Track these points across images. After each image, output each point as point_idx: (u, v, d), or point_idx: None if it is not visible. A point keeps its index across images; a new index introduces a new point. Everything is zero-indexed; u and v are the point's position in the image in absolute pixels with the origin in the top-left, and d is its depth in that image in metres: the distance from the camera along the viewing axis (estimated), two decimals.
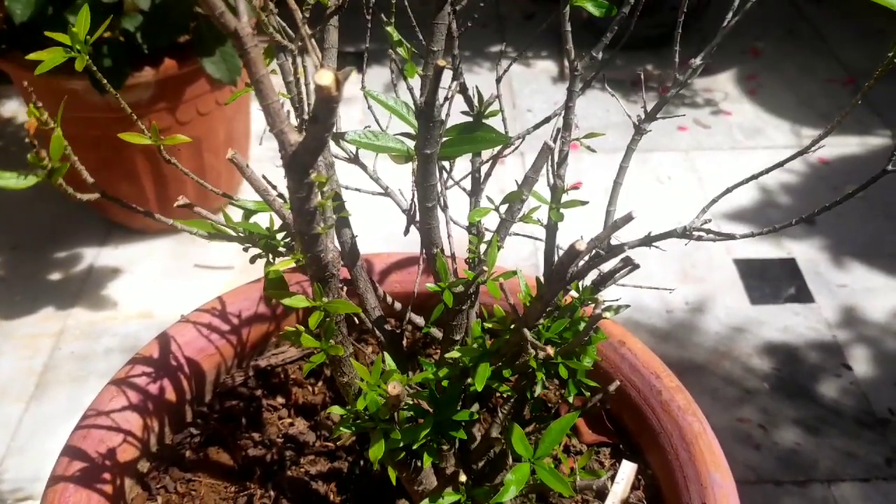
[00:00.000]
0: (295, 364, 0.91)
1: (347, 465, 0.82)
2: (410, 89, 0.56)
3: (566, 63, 0.65)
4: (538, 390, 0.61)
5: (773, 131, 2.13)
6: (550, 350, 0.49)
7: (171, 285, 1.71)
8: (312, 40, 0.45)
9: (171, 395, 0.81)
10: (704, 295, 1.67)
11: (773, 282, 1.70)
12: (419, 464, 0.64)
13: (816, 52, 2.47)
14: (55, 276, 1.75)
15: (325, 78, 0.34)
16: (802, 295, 1.67)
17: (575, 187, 0.64)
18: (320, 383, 0.89)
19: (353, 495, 0.80)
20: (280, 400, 0.88)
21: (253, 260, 0.55)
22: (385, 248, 0.94)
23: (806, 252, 1.76)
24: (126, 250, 1.79)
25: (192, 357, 0.83)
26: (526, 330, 0.49)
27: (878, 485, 1.33)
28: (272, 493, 0.79)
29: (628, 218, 0.43)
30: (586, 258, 0.51)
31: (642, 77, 0.77)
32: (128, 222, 1.82)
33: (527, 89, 2.29)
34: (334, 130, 0.65)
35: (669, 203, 1.89)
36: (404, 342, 0.90)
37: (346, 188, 0.70)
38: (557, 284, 0.46)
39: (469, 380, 0.57)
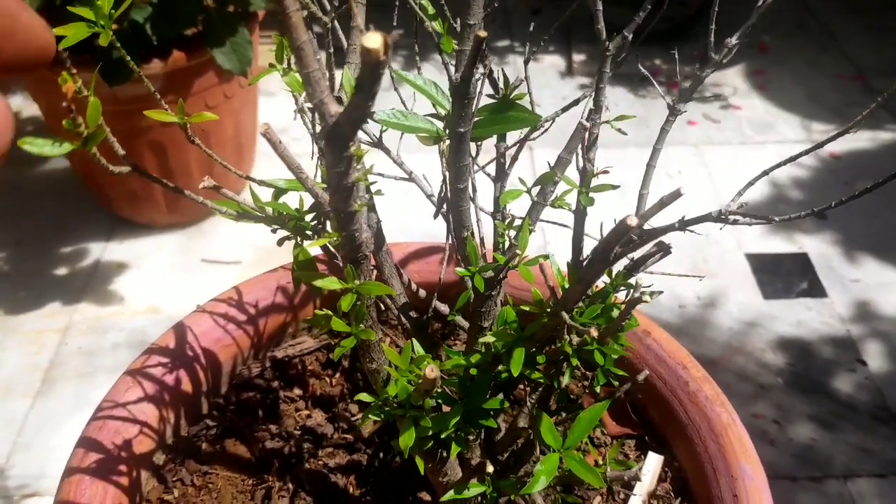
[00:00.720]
0: (312, 355, 0.89)
1: (367, 458, 0.81)
2: (446, 64, 0.55)
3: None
4: (566, 380, 0.60)
5: (783, 126, 2.12)
6: (594, 331, 0.47)
7: (178, 280, 1.70)
8: (356, 5, 0.43)
9: (187, 386, 0.80)
10: (717, 290, 1.65)
11: (785, 276, 1.68)
12: (445, 454, 0.63)
13: (825, 47, 2.46)
14: (61, 271, 1.73)
15: (374, 41, 0.32)
16: (815, 289, 1.66)
17: (605, 171, 0.63)
18: (338, 374, 0.88)
19: (372, 488, 0.79)
20: (297, 391, 0.86)
21: (281, 242, 0.54)
22: (401, 237, 0.92)
23: (818, 247, 1.75)
24: (132, 245, 1.78)
25: (209, 347, 0.82)
26: (565, 313, 0.48)
27: (894, 480, 1.31)
28: (290, 485, 0.78)
29: (677, 194, 0.41)
30: (625, 239, 0.50)
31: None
32: (134, 217, 1.80)
33: (534, 84, 2.26)
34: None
35: (680, 198, 1.87)
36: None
37: (371, 173, 0.68)
38: (601, 265, 0.44)
39: (500, 367, 0.56)
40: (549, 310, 0.49)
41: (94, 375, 1.51)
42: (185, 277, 1.70)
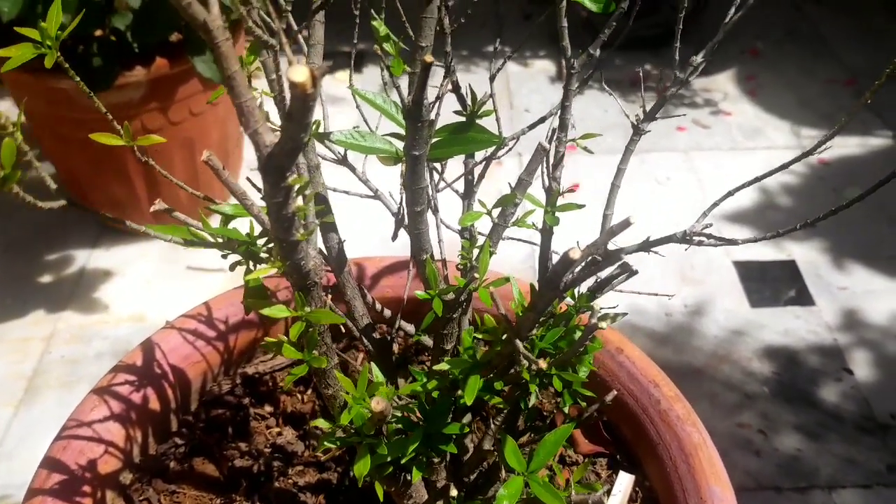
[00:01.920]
0: (283, 371, 0.88)
1: (337, 477, 0.80)
2: (398, 87, 0.54)
3: (563, 63, 0.62)
4: (532, 401, 0.59)
5: (773, 132, 2.11)
6: (543, 364, 0.46)
7: (163, 288, 1.69)
8: (287, 35, 0.42)
9: (154, 404, 0.79)
10: (703, 298, 1.64)
11: (773, 284, 1.68)
12: (408, 478, 0.62)
13: (816, 52, 2.45)
14: (46, 278, 1.72)
15: (300, 74, 0.31)
16: (803, 297, 1.65)
17: (571, 190, 0.62)
18: (309, 391, 0.87)
19: None
20: (268, 408, 0.85)
21: (233, 267, 0.53)
22: (379, 251, 0.92)
23: (806, 254, 1.74)
24: (118, 252, 1.77)
25: (177, 365, 0.81)
26: (518, 341, 0.47)
27: (879, 491, 1.30)
28: None
29: (625, 224, 0.41)
30: (582, 265, 0.49)
31: (641, 76, 0.74)
32: (117, 224, 1.79)
33: (524, 89, 2.26)
34: (322, 130, 0.63)
35: (668, 204, 1.86)
36: (396, 348, 0.87)
37: (335, 191, 0.68)
38: (550, 294, 0.43)
39: (459, 391, 0.55)
40: (503, 337, 0.49)
41: (78, 384, 1.50)
42: (170, 285, 1.69)
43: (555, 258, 0.68)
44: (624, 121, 2.14)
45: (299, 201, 0.41)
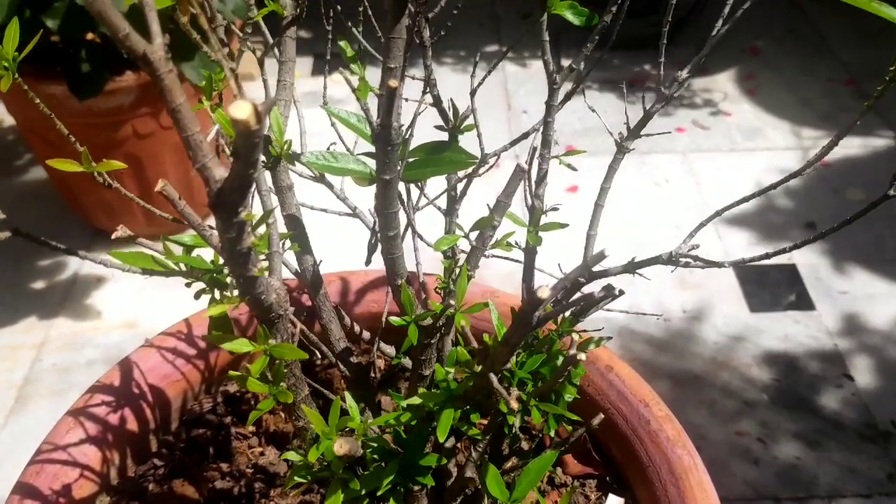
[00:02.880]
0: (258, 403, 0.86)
1: (319, 499, 0.78)
2: (366, 110, 0.52)
3: (562, 63, 0.60)
4: (515, 427, 0.57)
5: (773, 132, 2.08)
6: (514, 404, 0.44)
7: (155, 294, 1.67)
8: (232, 69, 0.40)
9: (132, 424, 0.77)
10: (702, 302, 1.62)
11: (772, 288, 1.65)
12: None
13: (817, 51, 2.42)
14: (38, 284, 1.71)
15: (242, 110, 0.29)
16: (803, 302, 1.62)
17: (555, 209, 0.60)
18: None
19: None
20: (250, 428, 0.83)
21: (198, 296, 0.51)
22: (360, 268, 0.90)
23: (806, 258, 1.72)
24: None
25: (156, 384, 0.79)
26: (492, 375, 0.45)
27: (879, 501, 1.28)
28: None
29: (600, 257, 0.39)
30: (559, 292, 0.47)
31: (625, 90, 0.72)
32: (111, 228, 1.77)
33: (522, 90, 2.24)
34: (301, 145, 0.61)
35: (667, 207, 1.84)
36: (382, 366, 0.85)
37: (312, 208, 0.66)
38: (523, 330, 0.41)
39: (435, 422, 0.53)
40: (477, 370, 0.47)
41: (69, 393, 1.48)
42: (162, 292, 1.68)
43: (539, 278, 0.66)
44: (623, 119, 2.12)
45: (261, 230, 0.39)
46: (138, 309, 1.63)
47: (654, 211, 1.83)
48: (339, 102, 2.04)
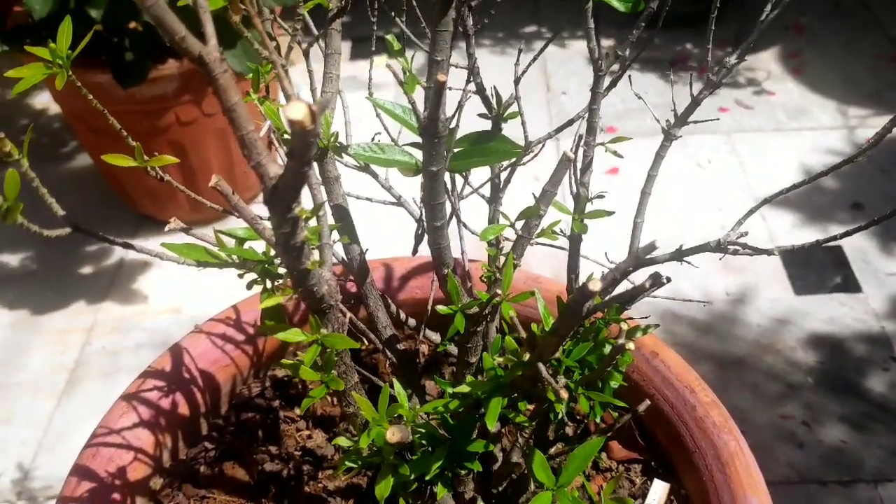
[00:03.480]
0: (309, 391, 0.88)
1: (366, 481, 0.79)
2: (413, 103, 0.52)
3: (602, 43, 0.60)
4: (561, 413, 0.57)
5: (819, 111, 2.04)
6: (564, 393, 0.45)
7: (200, 279, 1.69)
8: (283, 65, 0.41)
9: (184, 409, 0.79)
10: (746, 285, 1.60)
11: (818, 271, 1.63)
12: (435, 490, 0.61)
13: (863, 26, 2.36)
14: (86, 270, 1.74)
15: (297, 111, 0.30)
16: (849, 284, 1.60)
17: (601, 196, 0.60)
18: None
19: None
20: (298, 411, 0.85)
21: (250, 286, 0.52)
22: (407, 251, 0.90)
23: (853, 240, 1.69)
24: (156, 243, 1.77)
25: (206, 369, 0.81)
26: (541, 365, 0.45)
27: None
28: None
29: (650, 248, 0.39)
30: (609, 283, 0.47)
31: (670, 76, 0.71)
32: (157, 214, 1.81)
33: (562, 71, 2.22)
34: (346, 135, 0.61)
35: (710, 189, 1.82)
36: (426, 351, 0.86)
37: (357, 198, 0.66)
38: (572, 321, 0.41)
39: (483, 409, 0.54)
40: (526, 359, 0.47)
41: (118, 375, 1.52)
42: (207, 277, 1.70)
43: (584, 265, 0.66)
44: (666, 100, 2.10)
45: (311, 223, 0.39)
46: (183, 293, 1.66)
47: (697, 193, 1.81)
48: (378, 87, 2.04)
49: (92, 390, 1.49)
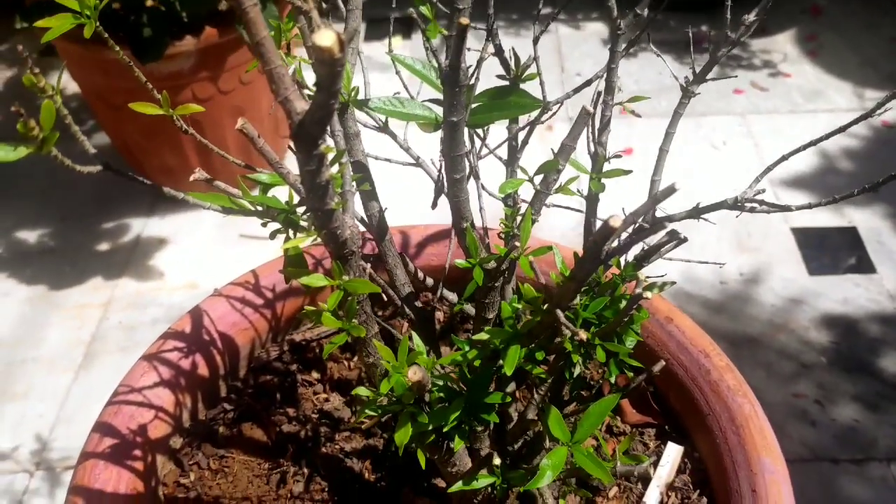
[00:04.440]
0: (330, 338, 0.88)
1: (383, 443, 0.80)
2: (435, 51, 0.53)
3: (610, 23, 0.60)
4: (577, 371, 0.58)
5: (835, 94, 2.04)
6: (583, 334, 0.45)
7: (216, 255, 1.71)
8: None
9: (203, 370, 0.80)
10: (760, 265, 1.60)
11: (832, 251, 1.63)
12: (451, 446, 0.62)
13: (881, 8, 2.35)
14: (103, 246, 1.76)
15: (326, 38, 0.30)
16: (864, 265, 1.60)
17: (619, 155, 0.60)
18: (356, 358, 0.87)
19: (388, 473, 0.78)
20: (315, 375, 0.86)
21: (273, 235, 0.53)
22: (421, 220, 0.91)
23: (868, 220, 1.68)
24: (172, 220, 1.80)
25: (225, 332, 0.82)
26: (559, 311, 0.46)
27: None
28: (306, 470, 0.78)
29: (671, 190, 0.39)
30: (626, 234, 0.48)
31: (691, 37, 0.72)
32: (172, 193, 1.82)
33: (576, 52, 2.22)
34: (364, 97, 0.62)
35: (724, 170, 1.82)
36: (441, 318, 0.87)
37: (376, 158, 0.67)
38: (591, 264, 0.42)
39: (501, 361, 0.54)
40: (543, 307, 0.48)
41: (134, 350, 1.53)
42: (223, 253, 1.72)
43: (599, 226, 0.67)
44: (678, 82, 2.09)
45: (334, 169, 0.40)
46: (199, 270, 1.68)
47: (712, 174, 1.81)
48: (389, 68, 2.05)
49: (109, 364, 1.50)
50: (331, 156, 0.39)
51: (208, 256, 1.71)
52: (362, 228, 0.68)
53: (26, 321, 1.59)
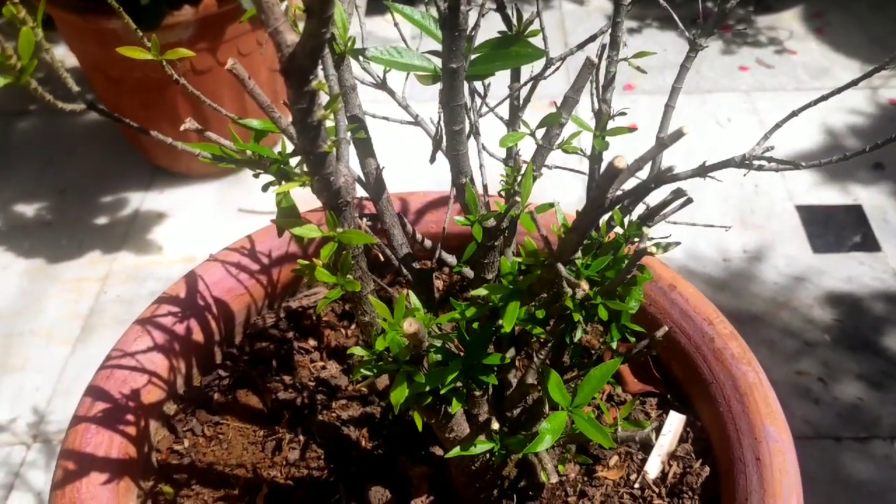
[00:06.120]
0: (328, 306, 0.87)
1: (380, 410, 0.79)
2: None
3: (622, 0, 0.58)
4: (578, 335, 0.57)
5: (841, 71, 2.01)
6: (585, 286, 0.44)
7: (214, 229, 1.70)
8: None
9: (198, 335, 0.78)
10: (764, 243, 1.59)
11: (837, 229, 1.61)
12: (449, 409, 0.60)
13: None
14: (101, 220, 1.74)
15: None
16: (868, 243, 1.58)
17: (623, 113, 0.59)
18: (353, 325, 0.86)
19: (385, 441, 0.77)
20: (312, 342, 0.85)
21: (265, 188, 0.51)
22: (421, 183, 0.89)
23: (873, 198, 1.66)
24: (171, 194, 1.78)
25: (221, 297, 0.80)
26: (560, 265, 0.44)
27: None
28: (301, 437, 0.77)
29: (678, 134, 0.37)
30: (628, 185, 0.46)
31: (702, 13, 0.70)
32: (172, 166, 1.80)
33: (580, 28, 2.19)
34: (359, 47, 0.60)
35: (728, 146, 1.80)
36: (441, 285, 0.86)
37: (374, 116, 0.65)
38: (594, 212, 0.40)
39: (500, 321, 0.53)
40: (543, 261, 0.46)
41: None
42: (221, 227, 1.70)
43: None
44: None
45: (323, 111, 0.38)
46: (198, 244, 1.66)
47: (717, 151, 1.79)
48: (391, 42, 2.02)
49: (106, 337, 1.49)
50: (324, 96, 0.37)
51: (207, 230, 1.69)
52: (360, 190, 0.66)
53: (24, 294, 1.58)
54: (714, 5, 1.92)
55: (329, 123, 0.51)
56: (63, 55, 2.17)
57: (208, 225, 1.70)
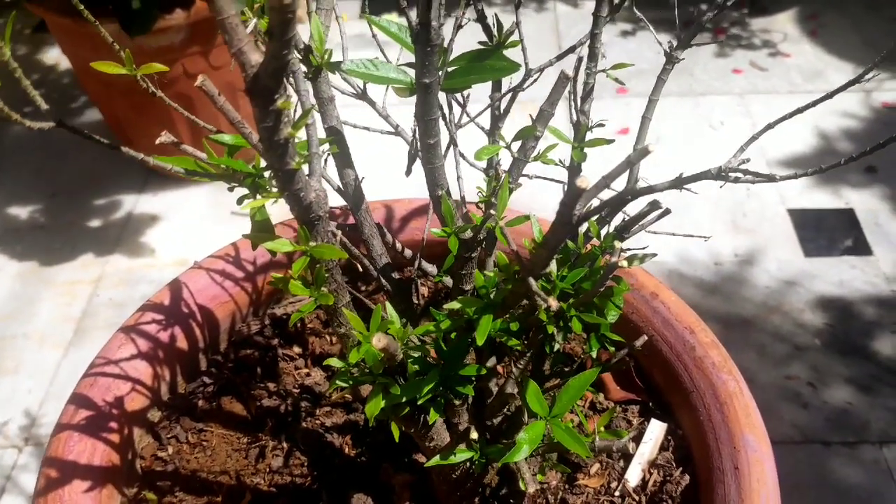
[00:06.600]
0: (312, 313, 0.87)
1: (364, 418, 0.79)
2: (405, 9, 0.51)
3: (614, 1, 0.59)
4: (555, 346, 0.57)
5: (835, 74, 2.01)
6: (553, 303, 0.44)
7: (207, 233, 1.70)
8: None
9: (182, 343, 0.79)
10: (755, 247, 1.59)
11: (828, 233, 1.61)
12: (427, 419, 0.61)
13: None
14: (95, 223, 1.75)
15: None
16: (860, 247, 1.58)
17: (601, 124, 0.59)
18: None
19: (368, 448, 0.77)
20: (297, 349, 0.85)
21: (240, 201, 0.51)
22: (402, 192, 0.90)
23: (865, 202, 1.67)
24: (164, 197, 1.78)
25: (205, 305, 0.81)
26: (531, 280, 0.44)
27: None
28: (285, 444, 0.77)
29: (644, 152, 0.38)
30: (600, 199, 0.46)
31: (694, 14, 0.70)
32: (163, 169, 1.80)
33: (574, 31, 2.19)
34: (335, 60, 0.60)
35: (721, 150, 1.80)
36: (425, 293, 0.86)
37: (354, 126, 0.66)
38: (562, 229, 0.41)
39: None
40: (515, 275, 0.46)
41: None
42: (214, 230, 1.70)
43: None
44: (678, 63, 2.07)
45: (301, 135, 0.38)
46: (190, 247, 1.66)
47: (709, 154, 1.79)
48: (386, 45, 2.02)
49: (99, 340, 1.49)
50: (293, 113, 0.38)
51: (199, 234, 1.70)
52: (341, 200, 0.66)
53: (17, 297, 1.58)
54: (708, 8, 1.92)
55: (302, 136, 0.51)
56: (56, 58, 2.17)
57: (201, 228, 1.71)
